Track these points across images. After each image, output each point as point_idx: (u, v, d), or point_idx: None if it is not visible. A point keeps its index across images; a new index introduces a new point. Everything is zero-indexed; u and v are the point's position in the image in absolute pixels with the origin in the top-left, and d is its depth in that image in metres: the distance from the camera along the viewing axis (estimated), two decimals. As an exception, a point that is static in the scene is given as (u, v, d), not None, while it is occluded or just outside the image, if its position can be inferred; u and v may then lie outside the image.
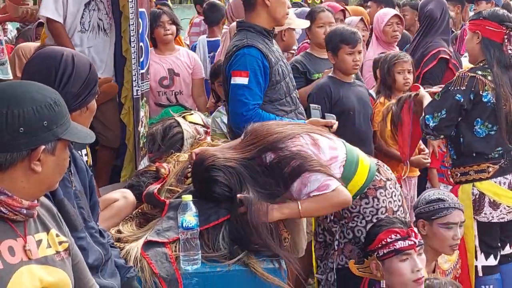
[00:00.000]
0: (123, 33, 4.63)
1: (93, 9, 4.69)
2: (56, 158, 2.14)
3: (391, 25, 6.17)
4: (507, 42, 4.33)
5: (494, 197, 4.30)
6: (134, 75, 4.57)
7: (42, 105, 2.08)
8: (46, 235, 2.20)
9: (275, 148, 3.36)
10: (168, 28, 5.65)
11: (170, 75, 5.71)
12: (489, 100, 4.26)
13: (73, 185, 2.77)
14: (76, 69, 2.80)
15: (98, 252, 2.76)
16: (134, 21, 4.50)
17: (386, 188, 3.60)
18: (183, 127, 4.58)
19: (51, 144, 2.11)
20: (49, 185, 2.19)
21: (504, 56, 4.32)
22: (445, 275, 3.92)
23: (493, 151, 4.31)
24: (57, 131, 2.11)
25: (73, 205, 2.69)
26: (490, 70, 4.28)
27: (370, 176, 3.58)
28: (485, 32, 4.35)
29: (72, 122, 2.21)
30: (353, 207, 3.57)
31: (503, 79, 4.27)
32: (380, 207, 3.57)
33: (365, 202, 3.57)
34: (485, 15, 4.40)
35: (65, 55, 2.82)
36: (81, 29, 4.69)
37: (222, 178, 3.31)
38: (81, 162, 2.95)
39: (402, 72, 5.30)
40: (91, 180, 2.99)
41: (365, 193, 3.56)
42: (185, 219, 3.16)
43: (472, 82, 4.25)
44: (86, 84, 2.82)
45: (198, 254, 3.19)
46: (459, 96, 4.26)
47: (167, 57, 5.76)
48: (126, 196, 3.69)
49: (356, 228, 3.59)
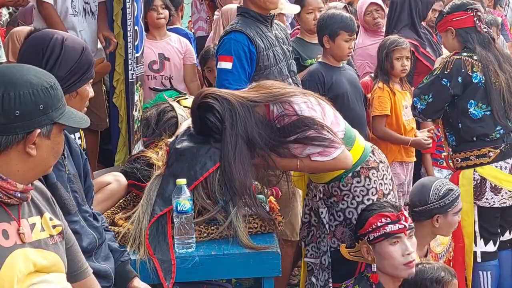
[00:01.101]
0: (115, 16, 4.61)
1: None
2: (51, 142, 2.14)
3: (370, 14, 6.15)
4: (478, 22, 4.37)
5: (495, 181, 4.30)
6: (130, 59, 4.57)
7: (38, 88, 2.08)
8: (40, 219, 2.20)
9: (282, 101, 3.36)
10: (161, 12, 5.64)
11: (160, 59, 5.70)
12: (480, 80, 4.27)
13: (67, 169, 2.77)
14: (64, 53, 2.78)
15: (91, 235, 2.77)
16: (130, 4, 4.49)
17: (378, 170, 3.60)
18: (177, 112, 4.58)
19: (47, 128, 2.11)
20: (43, 168, 2.19)
21: (481, 35, 4.36)
22: (437, 258, 3.94)
23: (493, 131, 4.31)
24: (53, 115, 2.11)
25: (66, 189, 2.69)
26: (474, 52, 4.31)
27: (364, 154, 3.58)
28: (456, 24, 4.39)
29: (67, 106, 2.20)
30: (344, 185, 3.57)
31: (489, 57, 4.29)
32: (371, 187, 3.56)
33: (356, 181, 3.56)
34: (447, 10, 4.46)
35: (54, 38, 2.81)
36: (73, 13, 4.69)
37: (217, 106, 3.30)
38: (76, 145, 2.94)
39: (400, 58, 5.28)
40: (85, 164, 2.99)
41: (358, 171, 3.55)
42: (179, 203, 3.16)
43: (458, 65, 4.27)
44: (75, 69, 2.80)
45: (193, 237, 3.20)
46: (445, 80, 4.28)
47: (158, 42, 5.74)
48: (118, 179, 3.70)
49: (347, 209, 3.58)
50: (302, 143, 3.35)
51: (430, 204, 3.84)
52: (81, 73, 2.83)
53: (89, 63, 2.89)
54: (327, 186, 3.62)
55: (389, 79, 5.29)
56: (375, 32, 6.15)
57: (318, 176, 3.64)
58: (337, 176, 3.56)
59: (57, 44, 2.79)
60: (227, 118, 3.30)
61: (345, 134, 3.51)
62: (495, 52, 4.35)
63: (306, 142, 3.34)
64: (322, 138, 3.34)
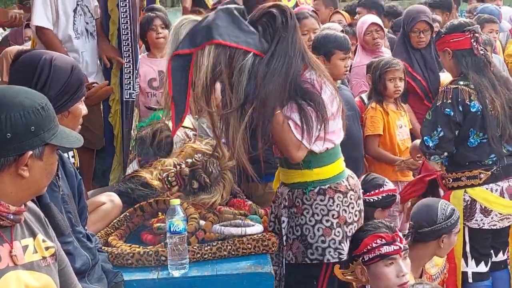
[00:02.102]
0: (110, 36, 4.64)
1: (79, 14, 4.72)
2: (43, 163, 2.13)
3: (370, 34, 6.15)
4: (476, 45, 4.35)
5: (485, 203, 4.29)
6: (125, 78, 4.59)
7: (29, 110, 2.08)
8: (33, 241, 2.20)
9: (318, 75, 3.43)
10: (161, 31, 5.66)
11: (160, 76, 5.72)
12: (478, 109, 4.26)
13: (61, 190, 2.76)
14: (54, 72, 2.79)
15: (85, 256, 2.76)
16: (128, 25, 4.51)
17: (346, 196, 3.55)
18: (172, 131, 4.59)
19: (39, 149, 2.11)
20: (37, 189, 2.19)
21: (477, 59, 4.35)
22: (432, 280, 3.94)
23: (487, 158, 4.31)
24: (45, 136, 2.11)
25: (60, 210, 2.69)
26: (468, 78, 4.30)
27: (338, 176, 3.56)
28: (453, 46, 4.38)
29: (60, 126, 2.21)
30: (307, 199, 3.53)
31: (484, 83, 4.28)
32: (332, 209, 3.51)
33: (320, 199, 3.52)
34: (445, 31, 4.46)
35: (43, 58, 2.82)
36: (76, 36, 4.70)
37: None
38: (70, 166, 2.94)
39: (393, 80, 5.30)
40: (79, 185, 2.99)
41: (324, 190, 3.52)
42: (173, 223, 3.15)
43: (456, 94, 4.27)
44: (65, 88, 2.81)
45: (186, 258, 3.19)
46: (448, 110, 4.27)
47: (158, 60, 5.75)
48: (112, 200, 3.70)
49: (305, 226, 3.54)
50: (299, 110, 3.35)
51: (439, 224, 3.82)
52: (72, 92, 2.84)
53: (80, 82, 2.90)
54: (291, 194, 3.59)
55: (382, 99, 5.30)
56: (374, 51, 6.17)
57: (286, 175, 3.63)
58: (303, 183, 3.54)
59: (46, 64, 2.80)
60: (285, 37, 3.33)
61: (334, 147, 3.52)
62: (490, 76, 4.34)
63: (302, 111, 3.34)
64: (312, 123, 3.35)
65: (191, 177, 3.85)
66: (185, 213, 3.37)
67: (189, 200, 3.74)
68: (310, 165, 3.50)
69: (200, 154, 3.97)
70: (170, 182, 3.85)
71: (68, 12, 4.68)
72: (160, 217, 3.65)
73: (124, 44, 4.56)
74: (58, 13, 4.65)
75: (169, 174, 3.88)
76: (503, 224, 4.38)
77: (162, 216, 3.60)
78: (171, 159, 4.08)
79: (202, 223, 3.50)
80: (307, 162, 3.49)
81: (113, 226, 3.62)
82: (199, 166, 3.87)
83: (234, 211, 3.76)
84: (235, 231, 3.46)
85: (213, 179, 3.86)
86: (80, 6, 4.72)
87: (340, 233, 3.51)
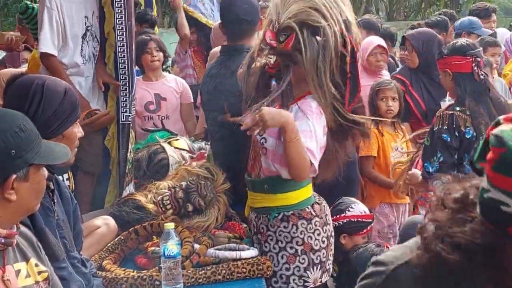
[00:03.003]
0: (107, 59, 4.63)
1: (89, 39, 4.67)
2: (30, 183, 2.13)
3: (374, 55, 6.16)
4: (476, 69, 4.34)
5: None
6: (122, 101, 4.59)
7: (7, 134, 2.08)
8: (26, 265, 2.20)
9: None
10: (155, 54, 5.68)
11: (156, 99, 5.74)
12: (472, 135, 4.27)
13: (56, 215, 2.76)
14: (46, 98, 2.80)
15: (79, 282, 2.76)
16: (124, 48, 4.53)
17: (310, 223, 3.53)
18: (168, 153, 4.60)
19: (23, 171, 2.11)
20: (26, 210, 2.19)
21: (477, 84, 4.34)
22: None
23: None
24: (27, 157, 2.11)
25: (54, 235, 2.68)
26: (464, 104, 4.30)
27: (303, 202, 3.54)
28: (454, 68, 4.38)
29: (44, 142, 2.20)
30: (271, 226, 3.53)
31: (480, 109, 4.28)
32: (296, 236, 3.50)
33: (283, 226, 3.52)
34: (447, 52, 4.44)
35: (35, 83, 2.83)
36: (83, 62, 4.67)
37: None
38: (66, 190, 2.95)
39: (385, 99, 5.32)
40: (75, 209, 3.00)
41: (288, 217, 3.51)
42: (167, 248, 3.15)
43: (452, 120, 4.27)
44: (58, 112, 2.82)
45: (180, 283, 3.18)
46: (445, 135, 4.28)
47: (154, 83, 5.79)
48: (108, 223, 3.70)
49: (269, 253, 3.54)
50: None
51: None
52: (65, 116, 2.85)
53: (73, 105, 2.91)
54: (257, 220, 3.60)
55: (378, 120, 5.30)
56: (375, 73, 6.19)
57: (252, 199, 3.64)
58: (267, 208, 3.54)
59: (38, 88, 2.81)
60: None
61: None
62: (487, 103, 4.34)
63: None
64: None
65: (186, 200, 3.85)
66: (180, 237, 3.37)
67: (183, 223, 3.74)
68: (274, 190, 3.51)
69: (195, 176, 3.98)
70: (164, 205, 3.86)
71: (77, 37, 4.63)
72: (154, 241, 3.65)
73: (120, 67, 4.56)
74: (67, 38, 4.60)
75: (164, 197, 3.89)
76: None
77: (157, 239, 3.61)
78: (166, 182, 4.09)
79: (196, 247, 3.50)
80: (272, 186, 3.49)
81: (108, 249, 3.61)
82: (193, 189, 3.87)
83: (229, 235, 3.76)
84: (230, 255, 3.45)
85: (207, 202, 3.87)
86: (89, 32, 4.68)
87: (305, 260, 3.50)
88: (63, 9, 4.58)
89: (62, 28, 4.59)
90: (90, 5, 4.67)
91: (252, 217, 3.66)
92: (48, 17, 4.55)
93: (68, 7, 4.59)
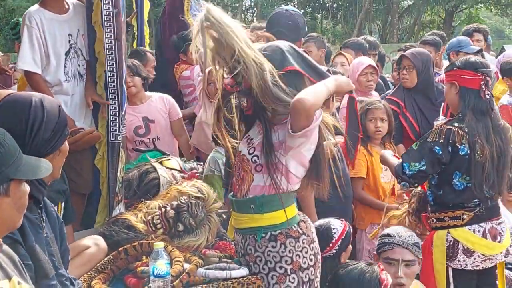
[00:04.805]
0: (98, 78, 4.63)
1: (73, 57, 4.69)
2: (11, 198, 2.12)
3: (365, 75, 6.19)
4: (484, 88, 4.33)
5: (467, 244, 4.28)
6: (112, 120, 4.58)
7: None
8: (8, 283, 2.17)
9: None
10: (129, 80, 5.56)
11: (145, 122, 5.72)
12: (466, 153, 4.26)
13: (45, 232, 2.75)
14: (47, 115, 2.81)
15: (67, 300, 2.74)
16: (114, 67, 4.52)
17: (298, 241, 3.50)
18: (159, 173, 4.59)
19: (3, 186, 2.09)
20: (9, 226, 2.17)
21: (481, 102, 4.32)
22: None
23: (471, 202, 4.31)
24: (8, 172, 2.09)
25: (44, 252, 2.67)
26: (464, 120, 4.29)
27: (289, 221, 3.51)
28: (462, 82, 4.36)
29: (25, 157, 2.18)
30: (259, 246, 3.49)
31: (478, 128, 4.27)
32: (285, 255, 3.46)
33: (271, 246, 3.48)
34: (459, 65, 4.41)
35: (34, 101, 2.83)
36: (66, 79, 4.67)
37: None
38: (52, 209, 2.94)
39: (374, 120, 5.31)
40: (61, 227, 2.98)
41: (276, 236, 3.47)
42: (156, 267, 3.14)
43: (449, 135, 4.27)
44: (57, 129, 2.84)
45: (170, 302, 3.17)
46: (437, 148, 4.27)
47: (140, 106, 5.77)
48: (97, 243, 3.68)
49: (259, 275, 3.50)
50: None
51: None
52: (61, 132, 2.87)
53: (66, 120, 2.95)
54: (244, 242, 3.56)
55: (367, 141, 5.30)
56: (365, 93, 6.20)
57: (237, 220, 3.60)
58: (254, 228, 3.50)
59: (38, 107, 2.81)
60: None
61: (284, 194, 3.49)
62: (487, 123, 4.32)
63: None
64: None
65: (176, 219, 3.84)
66: (170, 256, 3.35)
67: (174, 243, 3.72)
68: (261, 210, 3.48)
69: (186, 196, 3.96)
70: (155, 225, 3.84)
71: (59, 55, 4.64)
72: (144, 261, 3.63)
73: (110, 86, 4.56)
74: (49, 56, 4.61)
75: (154, 216, 3.87)
76: (486, 265, 4.36)
77: (146, 259, 3.58)
78: (156, 201, 4.07)
79: (186, 266, 3.48)
80: (259, 206, 3.47)
81: (97, 269, 3.59)
82: (184, 209, 3.86)
83: (220, 254, 3.74)
84: (220, 274, 3.43)
85: (198, 222, 3.85)
86: (73, 49, 4.69)
87: (295, 279, 3.47)
88: (44, 27, 4.60)
89: (44, 45, 4.60)
90: (75, 24, 4.70)
91: (238, 239, 3.62)
92: (28, 35, 4.58)
93: (50, 25, 4.62)
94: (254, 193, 3.49)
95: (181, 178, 4.67)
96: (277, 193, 3.43)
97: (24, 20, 4.65)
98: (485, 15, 38.09)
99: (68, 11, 4.72)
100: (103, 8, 4.48)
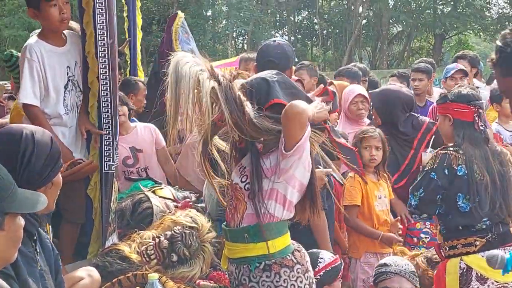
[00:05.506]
0: (90, 108, 4.63)
1: (71, 89, 4.68)
2: (6, 232, 2.11)
3: (355, 104, 6.21)
4: (477, 120, 4.37)
5: (481, 271, 4.24)
6: (104, 150, 4.58)
7: None
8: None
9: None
10: (119, 109, 5.56)
11: (132, 153, 5.71)
12: (464, 173, 4.28)
13: (39, 265, 2.74)
14: (37, 147, 2.80)
15: (61, 334, 2.73)
16: (108, 97, 4.53)
17: (292, 270, 3.50)
18: (152, 202, 4.57)
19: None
20: (4, 259, 2.16)
21: (476, 133, 4.36)
22: None
23: (479, 222, 4.29)
24: (3, 206, 2.08)
25: (37, 285, 2.66)
26: (461, 148, 4.32)
27: (283, 251, 3.52)
28: (455, 114, 4.40)
29: (20, 190, 2.18)
30: (253, 276, 3.49)
31: (475, 154, 4.29)
32: (279, 285, 3.46)
33: (266, 275, 3.48)
34: (452, 98, 4.45)
35: (25, 133, 2.83)
36: (65, 112, 4.66)
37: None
38: (47, 241, 2.93)
39: (369, 148, 5.31)
40: (56, 260, 2.97)
41: (270, 266, 3.48)
42: (150, 298, 3.13)
43: (444, 158, 4.30)
44: (48, 161, 2.83)
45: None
46: (433, 174, 4.30)
47: (126, 137, 5.73)
48: (91, 275, 3.64)
49: None
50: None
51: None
52: (53, 164, 2.86)
53: (59, 152, 2.93)
54: (237, 272, 3.56)
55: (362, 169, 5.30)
56: (357, 121, 6.22)
57: (230, 249, 3.60)
58: (248, 258, 3.51)
59: (29, 139, 2.81)
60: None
61: (278, 223, 3.49)
62: (485, 150, 4.35)
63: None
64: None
65: (170, 249, 3.83)
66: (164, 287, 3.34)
67: (168, 273, 3.71)
68: (255, 239, 3.48)
69: (180, 226, 3.96)
70: (149, 255, 3.83)
71: (59, 88, 4.63)
72: (138, 292, 3.61)
73: (104, 116, 4.56)
74: (48, 89, 4.60)
75: (148, 247, 3.86)
76: None
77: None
78: (150, 231, 4.06)
79: (181, 297, 3.47)
80: (253, 235, 3.47)
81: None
82: (178, 239, 3.85)
83: (214, 285, 3.74)
84: (214, 305, 3.42)
85: (192, 252, 3.85)
86: (71, 82, 4.68)
87: None
88: (44, 60, 4.59)
89: (44, 79, 4.59)
90: (72, 56, 4.70)
91: (232, 269, 3.61)
92: (29, 68, 4.56)
93: (50, 58, 4.61)
94: (247, 221, 3.49)
95: (174, 207, 4.67)
96: (270, 221, 3.45)
97: (24, 52, 4.62)
98: (474, 41, 38.43)
99: (66, 43, 4.72)
100: (98, 38, 4.48)
